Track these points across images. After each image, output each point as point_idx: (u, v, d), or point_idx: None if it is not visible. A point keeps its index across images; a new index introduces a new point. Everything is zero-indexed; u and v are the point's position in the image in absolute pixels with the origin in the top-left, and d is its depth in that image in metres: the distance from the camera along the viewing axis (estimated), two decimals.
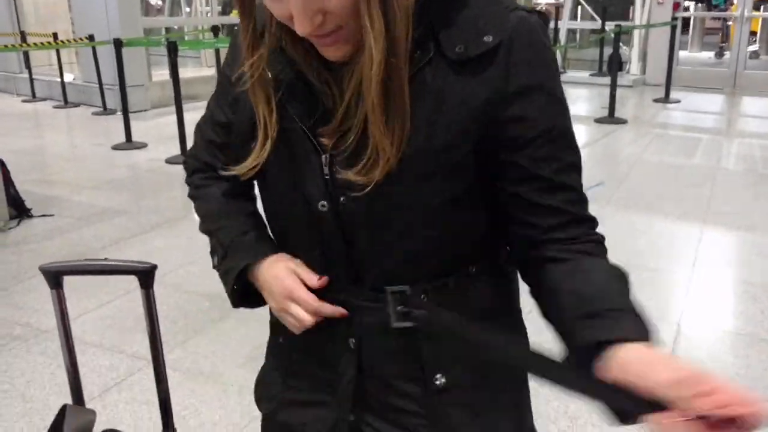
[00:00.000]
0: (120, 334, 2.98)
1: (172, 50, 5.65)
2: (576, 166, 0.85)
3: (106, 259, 1.18)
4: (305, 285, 0.89)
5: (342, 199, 0.83)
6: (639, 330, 0.74)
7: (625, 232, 4.18)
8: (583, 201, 0.86)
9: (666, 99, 8.88)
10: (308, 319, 0.89)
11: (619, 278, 0.82)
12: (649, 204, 4.69)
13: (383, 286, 0.84)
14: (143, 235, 4.22)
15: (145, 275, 1.17)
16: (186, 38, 10.06)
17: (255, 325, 2.70)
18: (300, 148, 0.85)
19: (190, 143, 4.74)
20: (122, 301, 3.27)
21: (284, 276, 0.91)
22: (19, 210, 4.46)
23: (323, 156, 0.84)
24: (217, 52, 9.03)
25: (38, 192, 5.00)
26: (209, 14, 10.58)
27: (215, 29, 9.37)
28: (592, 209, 0.90)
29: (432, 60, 0.79)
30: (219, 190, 1.04)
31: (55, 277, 1.09)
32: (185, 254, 3.88)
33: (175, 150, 6.10)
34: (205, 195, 1.05)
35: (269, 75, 0.85)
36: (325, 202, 0.84)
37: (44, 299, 2.15)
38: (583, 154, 0.89)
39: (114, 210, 4.75)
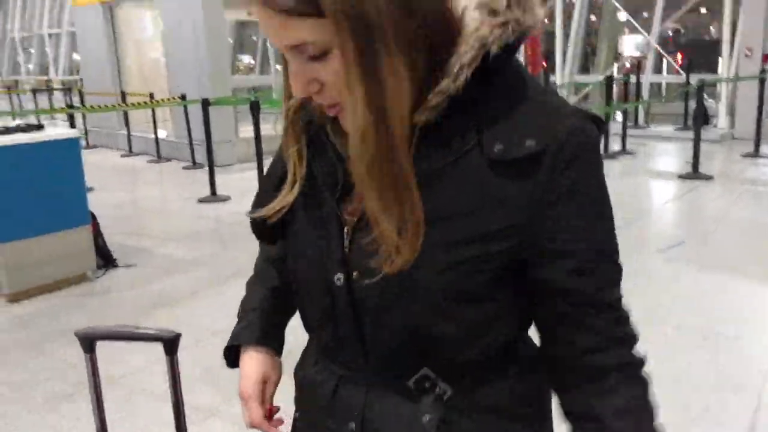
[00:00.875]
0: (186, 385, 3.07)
1: (255, 109, 5.92)
2: (617, 283, 0.81)
3: (136, 327, 1.24)
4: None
5: (355, 274, 0.80)
6: None
7: (707, 294, 4.00)
8: (624, 320, 0.81)
9: (756, 154, 8.52)
10: (250, 425, 0.98)
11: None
12: (734, 265, 4.47)
13: (394, 370, 0.82)
14: (219, 287, 4.37)
15: (170, 343, 1.23)
16: (275, 96, 10.51)
17: None
18: (324, 211, 0.83)
19: None
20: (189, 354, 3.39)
21: (251, 380, 1.00)
22: (106, 260, 4.72)
23: (345, 228, 0.81)
24: None
25: (127, 243, 5.29)
26: None
27: None
28: (672, 269, 0.89)
29: (470, 152, 0.74)
30: (262, 255, 1.09)
31: (89, 342, 1.15)
32: None
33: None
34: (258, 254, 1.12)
35: (300, 122, 0.85)
36: (341, 276, 0.81)
37: (120, 349, 2.26)
38: (664, 210, 0.88)
39: (194, 261, 4.95)
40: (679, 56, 12.61)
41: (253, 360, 1.01)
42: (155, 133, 9.74)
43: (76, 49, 16.49)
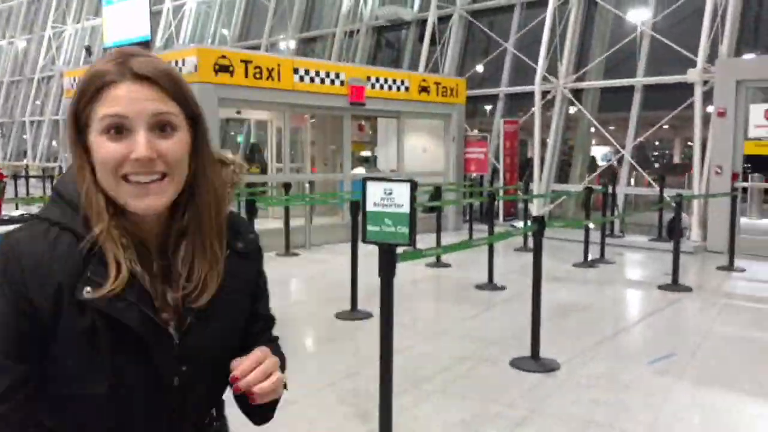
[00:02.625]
0: None
1: (251, 207, 5.99)
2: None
3: None
4: None
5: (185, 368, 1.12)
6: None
7: (703, 411, 4.03)
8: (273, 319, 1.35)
9: (730, 267, 8.78)
10: None
11: None
12: (726, 381, 4.52)
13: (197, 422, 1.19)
14: None
15: None
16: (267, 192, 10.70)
17: None
18: (141, 326, 1.07)
19: None
20: None
21: None
22: None
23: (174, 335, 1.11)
24: (287, 209, 9.53)
25: None
26: (282, 171, 11.23)
27: (287, 186, 9.90)
28: (664, 383, 0.95)
29: (231, 253, 1.18)
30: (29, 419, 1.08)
31: None
32: None
33: None
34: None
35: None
36: (177, 378, 1.11)
37: None
38: (650, 321, 0.95)
39: None
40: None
41: None
42: None
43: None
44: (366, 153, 14.80)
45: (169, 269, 1.12)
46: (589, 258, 9.13)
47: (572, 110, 13.05)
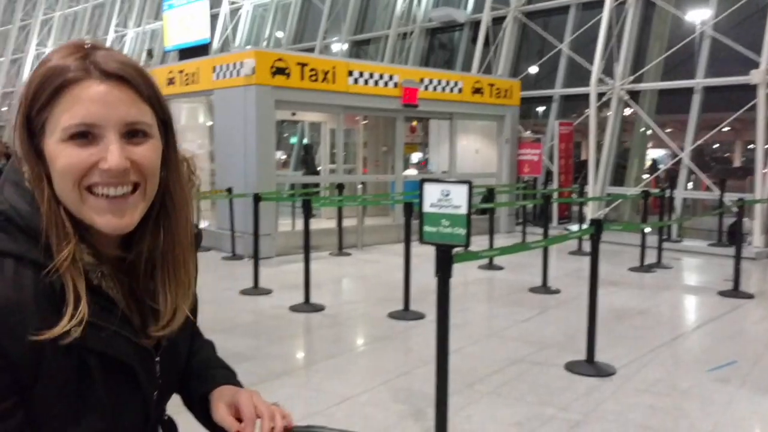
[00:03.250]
0: None
1: (307, 206, 6.10)
2: None
3: None
4: None
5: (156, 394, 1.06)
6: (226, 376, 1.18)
7: (764, 420, 3.93)
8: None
9: None
10: None
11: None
12: None
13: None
14: (269, 383, 4.38)
15: None
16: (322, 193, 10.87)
17: None
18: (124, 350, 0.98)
19: (313, 291, 5.10)
20: None
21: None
22: None
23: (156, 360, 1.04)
24: (340, 210, 9.69)
25: None
26: (335, 172, 11.37)
27: (340, 187, 10.02)
28: (725, 390, 0.95)
29: None
30: None
31: None
32: (310, 405, 3.99)
33: (299, 297, 6.39)
34: None
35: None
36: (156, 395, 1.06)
37: None
38: (709, 328, 0.96)
39: (239, 355, 4.97)
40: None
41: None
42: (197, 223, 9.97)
43: None
44: (417, 155, 14.84)
45: (133, 288, 1.00)
46: (646, 262, 8.96)
47: (627, 112, 12.82)
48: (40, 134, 0.91)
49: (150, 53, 21.63)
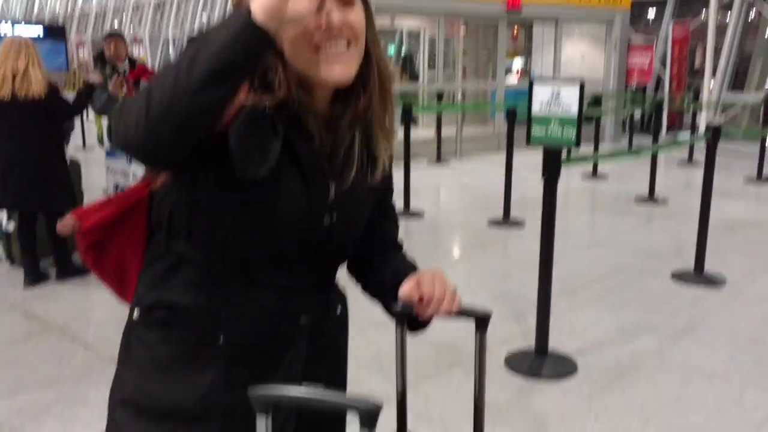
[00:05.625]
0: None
1: (408, 113, 6.08)
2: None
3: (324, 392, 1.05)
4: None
5: (335, 215, 1.18)
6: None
7: None
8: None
9: None
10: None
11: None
12: None
13: (324, 282, 1.26)
14: None
15: (369, 416, 0.96)
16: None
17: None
18: (307, 167, 1.13)
19: (412, 198, 5.17)
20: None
21: None
22: None
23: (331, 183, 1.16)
24: (439, 118, 9.57)
25: None
26: (434, 81, 11.20)
27: (440, 95, 9.89)
28: None
29: None
30: None
31: (267, 404, 1.02)
32: None
33: (399, 204, 6.48)
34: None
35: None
36: (329, 218, 1.17)
37: None
38: None
39: None
40: None
41: None
42: None
43: None
44: (518, 61, 14.34)
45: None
46: (764, 174, 8.45)
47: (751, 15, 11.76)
48: None
49: None
